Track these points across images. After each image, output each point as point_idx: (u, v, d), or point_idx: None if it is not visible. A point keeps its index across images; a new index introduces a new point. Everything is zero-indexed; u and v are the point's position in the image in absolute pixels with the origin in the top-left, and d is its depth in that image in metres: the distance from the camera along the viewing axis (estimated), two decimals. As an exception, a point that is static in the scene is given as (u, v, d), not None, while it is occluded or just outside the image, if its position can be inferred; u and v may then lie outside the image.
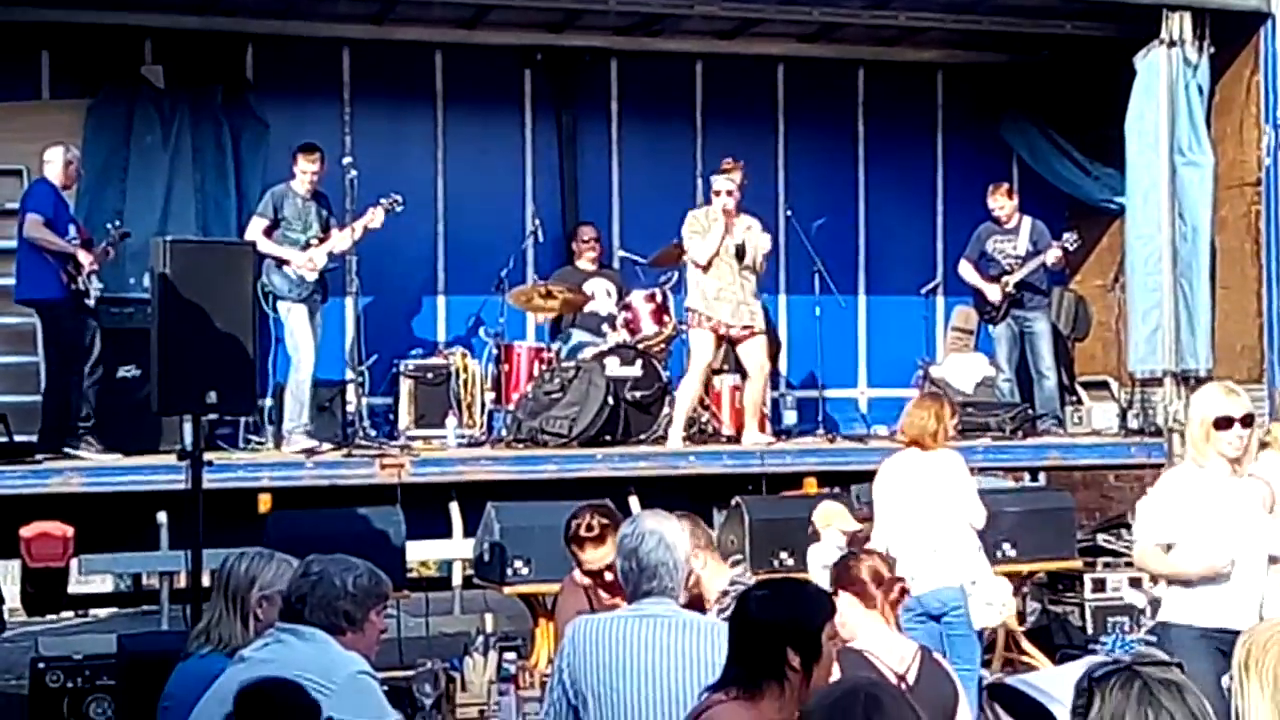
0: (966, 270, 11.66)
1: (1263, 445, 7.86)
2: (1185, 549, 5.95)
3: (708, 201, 10.49)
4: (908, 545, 7.73)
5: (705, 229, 10.15)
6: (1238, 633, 5.85)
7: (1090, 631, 10.11)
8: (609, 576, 5.29)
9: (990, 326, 11.71)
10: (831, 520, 8.38)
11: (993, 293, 11.45)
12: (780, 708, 3.69)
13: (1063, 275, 12.23)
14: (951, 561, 7.87)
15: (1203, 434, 6.00)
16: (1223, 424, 5.95)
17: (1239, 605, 5.85)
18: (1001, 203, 11.58)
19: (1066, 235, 11.49)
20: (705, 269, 10.12)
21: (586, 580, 5.42)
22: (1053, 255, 11.33)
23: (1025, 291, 11.46)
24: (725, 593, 4.95)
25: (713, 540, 5.37)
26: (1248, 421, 6.03)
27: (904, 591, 5.11)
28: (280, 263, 9.94)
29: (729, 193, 10.17)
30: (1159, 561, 6.13)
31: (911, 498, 7.94)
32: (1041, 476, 11.56)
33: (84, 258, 9.27)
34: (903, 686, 4.65)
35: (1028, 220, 11.55)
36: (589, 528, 5.41)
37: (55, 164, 9.50)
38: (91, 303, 9.34)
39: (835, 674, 3.80)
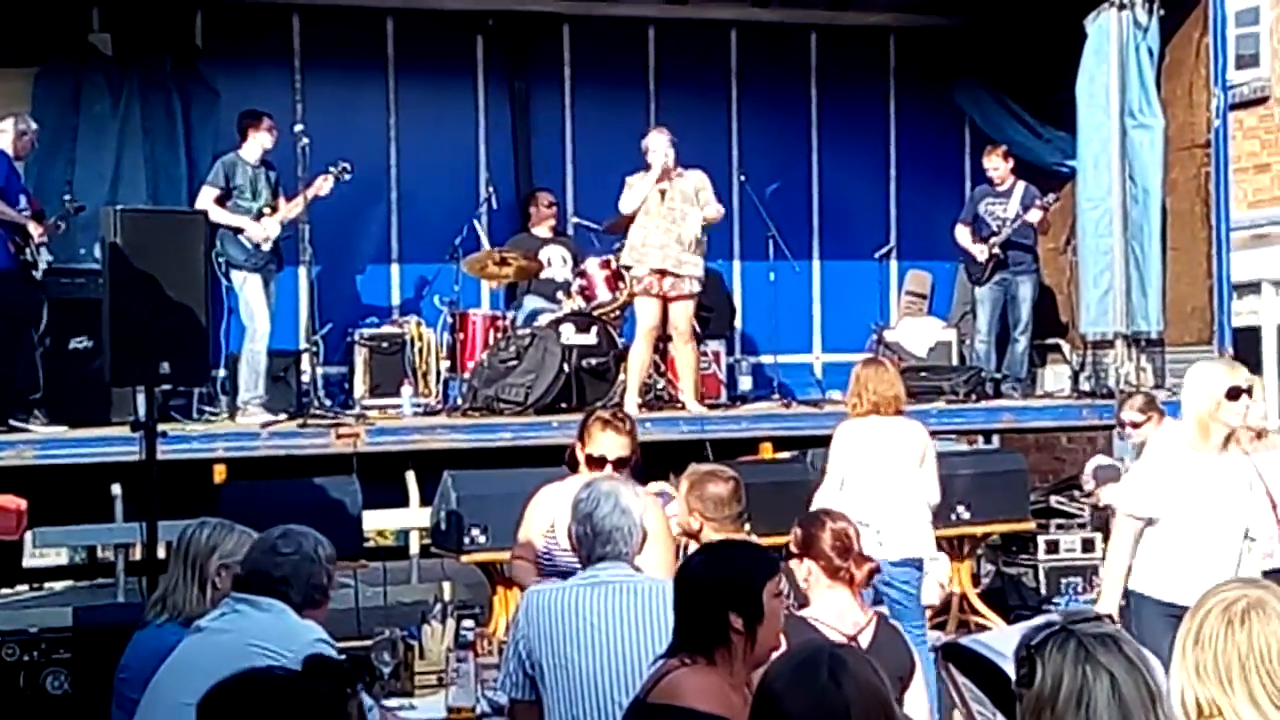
0: (961, 233, 11.68)
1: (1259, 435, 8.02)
2: (1143, 563, 6.10)
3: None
4: (879, 514, 7.58)
5: (633, 184, 10.10)
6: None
7: (1044, 593, 10.20)
8: (609, 471, 5.55)
9: (976, 288, 11.74)
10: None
11: (980, 253, 11.49)
12: (736, 668, 3.70)
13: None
14: (915, 532, 7.82)
15: (1213, 406, 6.04)
16: (1233, 394, 6.05)
17: (1205, 583, 5.87)
18: (996, 164, 11.61)
19: (1048, 195, 11.52)
20: (631, 219, 10.04)
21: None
22: (1034, 215, 11.38)
23: (1012, 253, 11.49)
24: None
25: (723, 509, 5.42)
26: (1251, 392, 6.23)
27: (873, 572, 5.01)
28: (235, 231, 9.88)
29: (663, 151, 10.02)
30: (1122, 545, 6.20)
31: (883, 465, 7.77)
32: (995, 439, 11.63)
33: (34, 229, 9.16)
34: (855, 645, 4.66)
35: (1021, 184, 11.58)
36: (618, 415, 5.85)
37: (8, 134, 9.35)
38: (39, 274, 9.23)
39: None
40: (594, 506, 4.55)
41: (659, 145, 10.07)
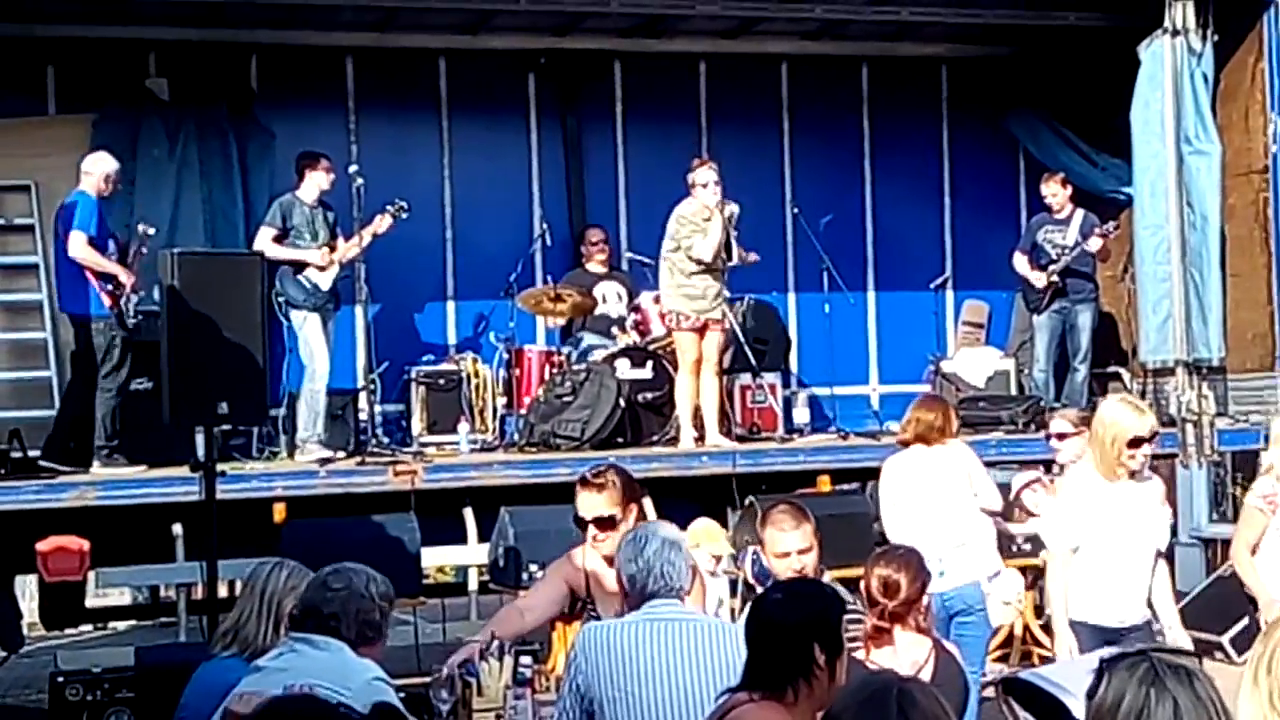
0: (1019, 262, 11.62)
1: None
2: (1077, 608, 6.36)
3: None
4: (930, 542, 7.57)
5: (703, 227, 9.99)
6: (1125, 628, 6.20)
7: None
8: (592, 532, 5.46)
9: (1035, 316, 11.66)
10: (700, 541, 8.02)
11: (1038, 280, 11.44)
12: (808, 706, 3.70)
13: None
14: (975, 556, 7.77)
15: (1115, 452, 6.35)
16: (1134, 444, 6.35)
17: (1127, 602, 6.36)
18: (1054, 190, 11.56)
19: (1108, 223, 11.46)
20: (709, 265, 9.97)
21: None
22: (1094, 244, 11.31)
23: (1071, 281, 11.43)
24: None
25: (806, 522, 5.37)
26: (1153, 438, 6.47)
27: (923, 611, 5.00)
28: (295, 272, 9.94)
29: (715, 183, 10.01)
30: (1057, 577, 6.48)
31: (928, 493, 7.81)
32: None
33: (125, 277, 9.17)
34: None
35: (1080, 211, 11.52)
36: (596, 474, 5.59)
37: (94, 175, 9.28)
38: (131, 323, 9.22)
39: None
40: (643, 545, 4.55)
41: (712, 179, 10.04)
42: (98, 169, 9.32)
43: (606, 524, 5.45)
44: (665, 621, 4.39)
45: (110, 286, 9.16)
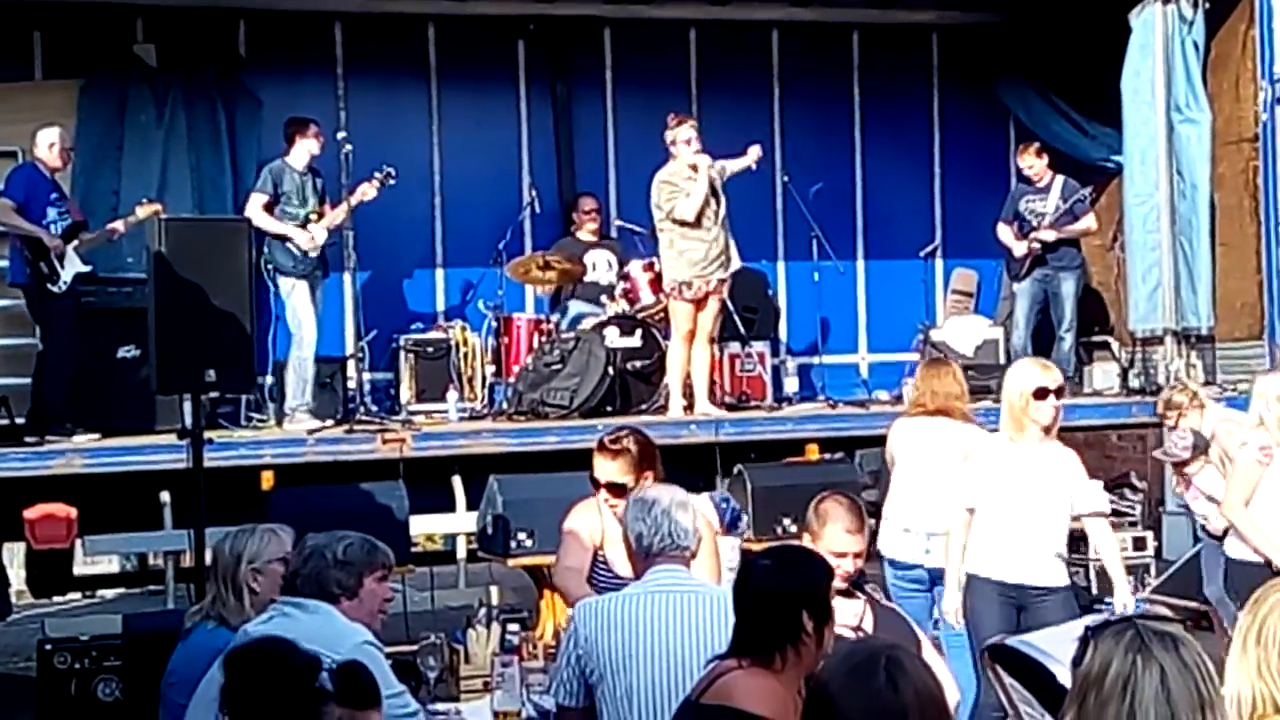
0: (1003, 232, 11.61)
1: (1175, 407, 8.43)
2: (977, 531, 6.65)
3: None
4: (926, 519, 7.43)
5: (685, 188, 9.81)
6: (1031, 587, 6.43)
7: (1095, 591, 10.11)
8: (604, 495, 5.58)
9: (1015, 283, 11.67)
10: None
11: (1019, 248, 11.44)
12: (795, 673, 3.70)
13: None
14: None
15: (1022, 403, 6.60)
16: (1040, 394, 6.58)
17: (1028, 562, 6.54)
18: (1030, 162, 11.55)
19: (1083, 189, 11.42)
20: (695, 224, 9.83)
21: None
22: (1084, 224, 11.34)
23: (1054, 248, 11.42)
24: None
25: (865, 524, 5.13)
26: (1060, 393, 6.69)
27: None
28: (282, 238, 9.93)
29: (690, 141, 9.83)
30: (955, 536, 6.72)
31: (937, 468, 7.45)
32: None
33: (49, 241, 9.19)
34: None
35: (1060, 178, 11.50)
36: (614, 440, 5.68)
37: (42, 146, 9.44)
38: (59, 288, 9.21)
39: None
40: (651, 505, 4.55)
41: (694, 135, 9.89)
42: (41, 139, 9.43)
43: (619, 490, 5.52)
44: (664, 593, 4.39)
45: (27, 252, 9.18)
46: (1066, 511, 6.63)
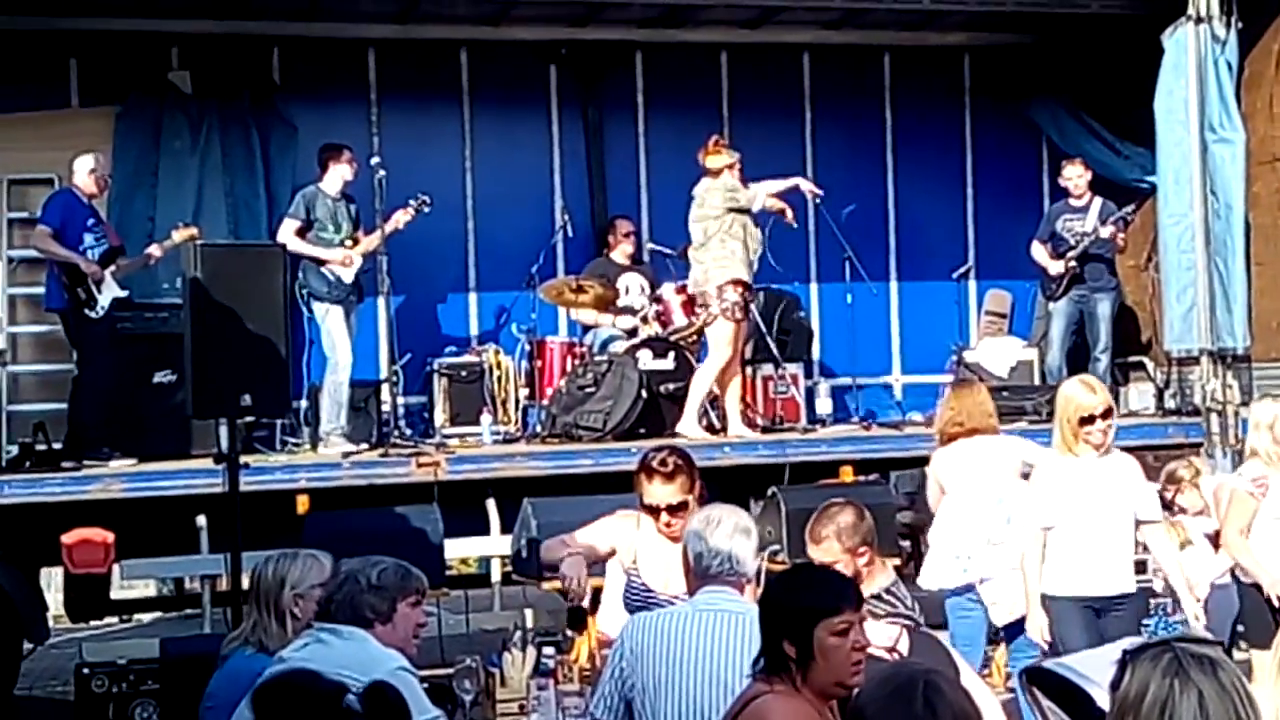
0: (1037, 250, 11.58)
1: (1175, 481, 8.48)
2: (1055, 550, 6.63)
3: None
4: (969, 542, 7.41)
5: (740, 189, 10.03)
6: (1110, 597, 6.44)
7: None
8: (665, 519, 5.53)
9: (1051, 303, 11.63)
10: None
11: (1054, 267, 11.40)
12: (816, 689, 3.69)
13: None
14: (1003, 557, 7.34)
15: (1070, 433, 6.67)
16: (1086, 421, 6.62)
17: (1106, 573, 6.58)
18: (1076, 172, 11.51)
19: (1126, 207, 11.40)
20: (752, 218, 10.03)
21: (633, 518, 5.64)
22: (1106, 230, 11.28)
23: (1090, 268, 11.38)
24: (876, 595, 4.91)
25: (873, 536, 5.17)
26: (1109, 414, 6.72)
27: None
28: (317, 263, 9.98)
29: (734, 167, 10.05)
30: (1031, 556, 6.67)
31: (975, 487, 7.49)
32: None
33: (86, 267, 9.29)
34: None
35: (1098, 199, 11.48)
36: (663, 462, 5.64)
37: (80, 173, 9.55)
38: (95, 313, 9.34)
39: None
40: (716, 526, 4.56)
41: (737, 159, 10.06)
42: (78, 166, 9.55)
43: (680, 510, 5.53)
44: (714, 612, 4.40)
45: (64, 278, 9.28)
46: (1133, 519, 6.71)
